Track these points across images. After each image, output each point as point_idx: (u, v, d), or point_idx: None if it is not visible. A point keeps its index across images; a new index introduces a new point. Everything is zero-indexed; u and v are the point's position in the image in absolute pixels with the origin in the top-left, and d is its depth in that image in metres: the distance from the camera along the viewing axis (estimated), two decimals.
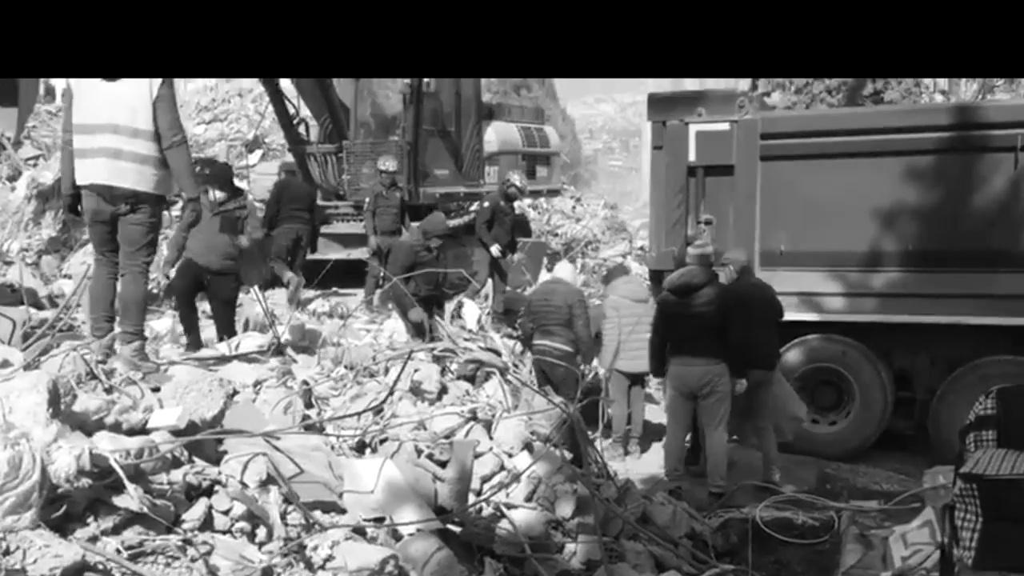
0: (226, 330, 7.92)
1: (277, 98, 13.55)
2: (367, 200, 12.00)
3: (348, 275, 12.26)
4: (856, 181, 8.88)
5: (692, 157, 9.47)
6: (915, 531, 5.62)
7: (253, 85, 22.06)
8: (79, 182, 5.43)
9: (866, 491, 7.91)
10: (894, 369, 9.13)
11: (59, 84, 34.69)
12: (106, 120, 5.30)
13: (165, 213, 6.41)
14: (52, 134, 22.03)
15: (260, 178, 15.22)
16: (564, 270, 9.03)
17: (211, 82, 32.18)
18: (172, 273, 8.23)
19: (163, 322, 9.67)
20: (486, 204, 12.74)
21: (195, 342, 7.64)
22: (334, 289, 12.11)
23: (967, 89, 24.48)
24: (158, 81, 5.37)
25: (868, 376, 9.00)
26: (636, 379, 9.05)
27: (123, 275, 5.61)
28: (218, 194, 7.93)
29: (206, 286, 8.09)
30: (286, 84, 13.61)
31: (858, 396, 9.03)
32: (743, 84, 31.00)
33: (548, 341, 8.37)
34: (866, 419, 9.02)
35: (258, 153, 19.46)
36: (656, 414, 10.04)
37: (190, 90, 32.15)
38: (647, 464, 8.69)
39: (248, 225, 8.20)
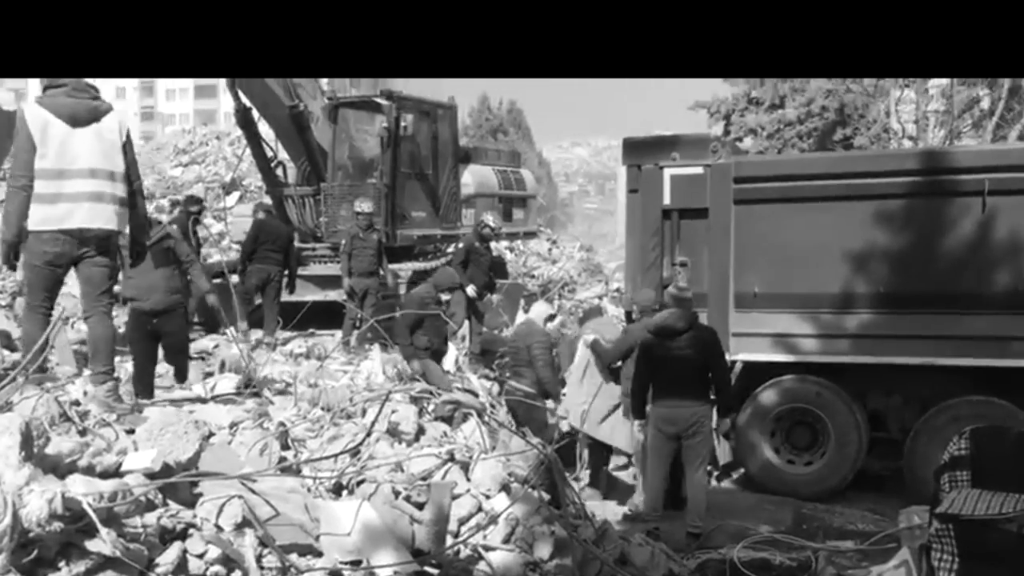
0: (182, 375, 7.82)
1: (255, 141, 13.61)
2: (343, 242, 12.03)
3: (325, 316, 12.25)
4: (828, 224, 8.99)
5: (667, 200, 9.57)
6: (892, 571, 5.64)
7: (231, 128, 22.15)
8: (47, 227, 5.38)
9: (842, 531, 7.93)
10: (868, 409, 9.19)
11: None
12: (83, 165, 5.36)
13: None
14: None
15: (237, 220, 15.24)
16: (535, 310, 9.11)
17: (188, 125, 32.22)
18: None
19: None
20: (461, 245, 12.82)
21: (148, 391, 7.35)
22: (311, 330, 12.08)
23: (935, 135, 24.92)
24: (127, 125, 5.58)
25: (843, 416, 9.05)
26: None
27: (88, 317, 5.66)
28: None
29: (156, 328, 7.82)
30: (264, 127, 13.68)
31: (833, 436, 9.07)
32: (716, 129, 31.47)
33: (514, 382, 8.49)
34: (841, 459, 9.06)
35: (235, 195, 19.49)
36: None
37: (168, 132, 32.17)
38: (623, 506, 8.67)
39: (192, 274, 8.01)
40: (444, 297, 9.34)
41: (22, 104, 5.66)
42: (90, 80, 5.51)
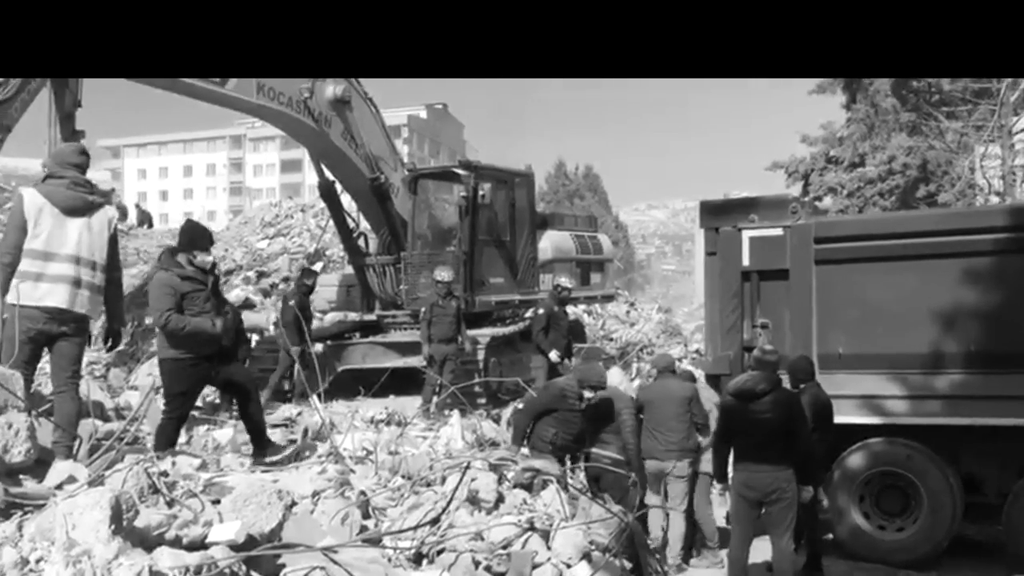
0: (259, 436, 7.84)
1: (337, 212, 13.95)
2: (423, 310, 12.19)
3: (405, 382, 12.37)
4: (914, 283, 8.81)
5: (746, 262, 9.51)
6: None
7: (315, 201, 22.72)
8: (29, 303, 5.77)
9: None
10: (962, 472, 8.86)
11: (131, 205, 36.04)
12: (70, 251, 5.86)
13: None
14: (123, 252, 22.86)
15: (322, 289, 15.54)
16: (613, 376, 9.02)
17: (275, 198, 33.17)
18: None
19: (224, 432, 9.81)
20: (541, 311, 12.86)
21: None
22: (391, 397, 12.20)
23: (1022, 190, 24.29)
24: (115, 221, 6.14)
25: (935, 480, 8.73)
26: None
27: (60, 392, 6.01)
28: (206, 257, 7.35)
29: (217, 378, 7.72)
30: (346, 199, 14.02)
31: (926, 501, 8.75)
32: (794, 189, 31.17)
33: (600, 449, 8.36)
34: (935, 524, 8.72)
35: (319, 265, 19.91)
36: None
37: (255, 206, 33.17)
38: (706, 572, 8.48)
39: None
40: (587, 395, 8.30)
41: (21, 189, 6.13)
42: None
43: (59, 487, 4.84)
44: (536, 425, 8.40)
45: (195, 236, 7.33)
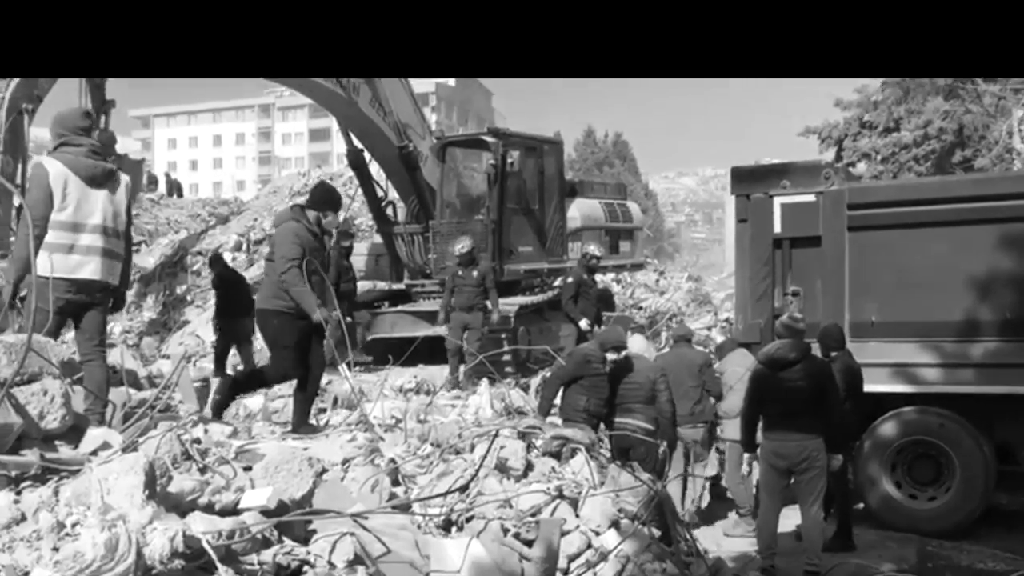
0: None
1: (366, 181, 13.97)
2: (446, 279, 12.20)
3: (434, 351, 12.41)
4: (948, 250, 8.69)
5: (778, 229, 9.41)
6: None
7: (344, 170, 22.73)
8: (59, 275, 5.78)
9: (971, 570, 7.57)
10: (995, 441, 8.77)
11: (161, 174, 36.31)
12: (97, 221, 5.86)
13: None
14: (154, 221, 23.05)
15: (352, 259, 15.59)
16: (637, 344, 8.98)
17: (303, 168, 33.23)
18: None
19: (255, 400, 9.90)
20: (570, 279, 12.82)
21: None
22: (420, 365, 12.25)
23: None
24: (129, 185, 6.18)
25: (968, 449, 8.65)
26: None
27: (89, 360, 6.04)
28: (335, 219, 7.49)
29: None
30: (375, 168, 14.03)
31: (958, 470, 8.68)
32: (828, 155, 30.82)
33: (629, 419, 8.31)
34: (968, 494, 8.65)
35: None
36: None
37: (284, 176, 33.28)
38: (738, 541, 8.47)
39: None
40: (611, 356, 8.34)
41: (41, 158, 6.11)
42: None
43: (94, 453, 4.89)
44: (566, 395, 8.40)
45: (328, 197, 7.43)
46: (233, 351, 12.76)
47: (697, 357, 9.34)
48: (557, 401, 8.51)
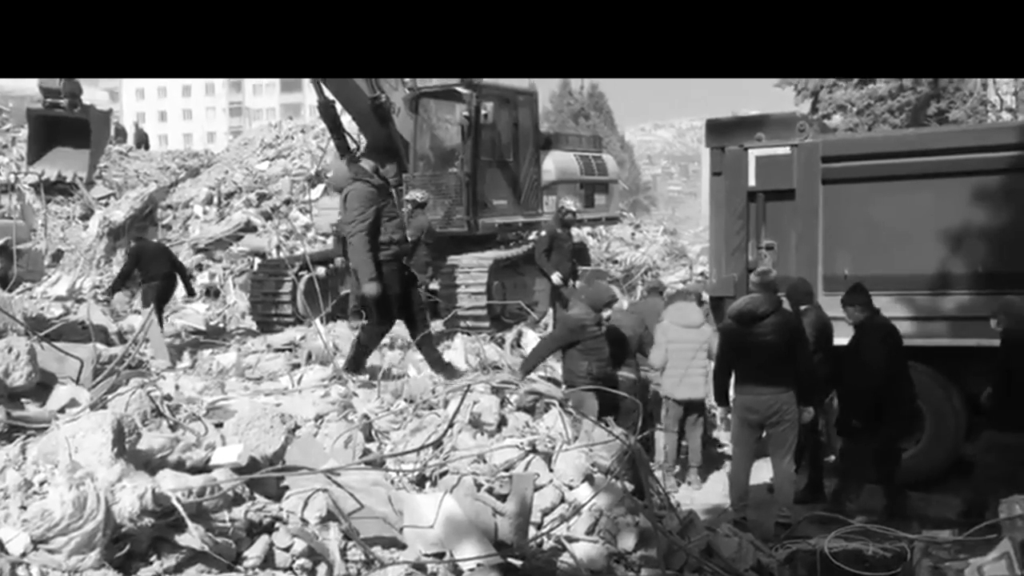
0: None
1: (338, 133, 13.77)
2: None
3: None
4: (922, 203, 8.69)
5: (752, 182, 9.36)
6: (992, 563, 5.43)
7: (315, 122, 22.47)
8: None
9: (940, 520, 7.66)
10: (965, 394, 8.86)
11: (129, 125, 35.73)
12: None
13: None
14: (123, 174, 22.72)
15: (323, 212, 15.45)
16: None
17: (275, 119, 32.84)
18: None
19: (229, 356, 9.83)
20: (543, 233, 12.78)
21: None
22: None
23: None
24: None
25: (938, 401, 8.73)
26: (692, 407, 8.91)
27: None
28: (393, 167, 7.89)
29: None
30: (347, 119, 13.84)
31: (929, 422, 8.77)
32: (803, 107, 30.80)
33: (622, 372, 8.37)
34: (937, 445, 8.75)
35: (320, 188, 19.79)
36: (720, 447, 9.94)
37: (255, 127, 32.86)
38: (711, 494, 8.55)
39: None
40: (606, 314, 8.23)
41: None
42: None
43: (61, 410, 4.84)
44: (566, 361, 8.26)
45: (380, 145, 7.40)
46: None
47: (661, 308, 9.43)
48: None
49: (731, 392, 7.72)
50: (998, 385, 7.60)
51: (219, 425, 4.97)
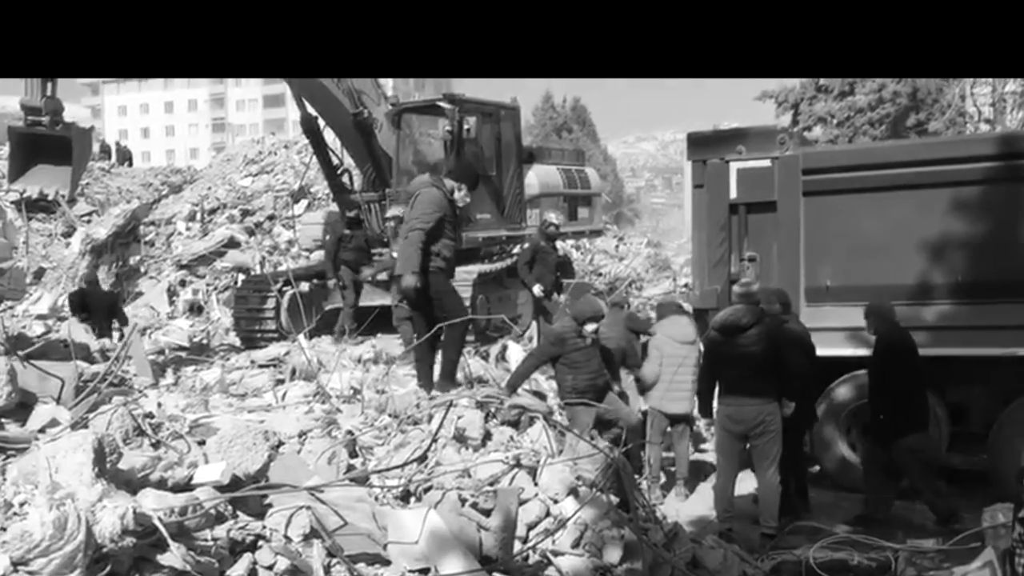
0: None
1: (321, 149, 13.77)
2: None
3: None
4: (902, 214, 8.75)
5: (734, 194, 9.42)
6: (975, 572, 5.48)
7: (298, 137, 22.46)
8: None
9: (924, 530, 7.70)
10: (948, 402, 8.91)
11: (112, 142, 35.60)
12: None
13: None
14: (105, 191, 22.62)
15: (306, 228, 15.45)
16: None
17: (258, 135, 32.76)
18: None
19: (212, 372, 9.80)
20: (527, 245, 12.79)
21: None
22: (378, 335, 12.19)
23: (1013, 118, 24.19)
24: None
25: None
26: (678, 420, 8.93)
27: None
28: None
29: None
30: (330, 135, 13.85)
31: None
32: (784, 119, 30.99)
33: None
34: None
35: (303, 203, 19.77)
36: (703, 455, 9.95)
37: (238, 143, 32.79)
38: (697, 506, 8.56)
39: None
40: (589, 328, 8.02)
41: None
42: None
43: (42, 430, 4.80)
44: (556, 376, 8.22)
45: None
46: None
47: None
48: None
49: (715, 403, 7.74)
50: (875, 389, 7.71)
51: (202, 443, 4.94)
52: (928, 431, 7.97)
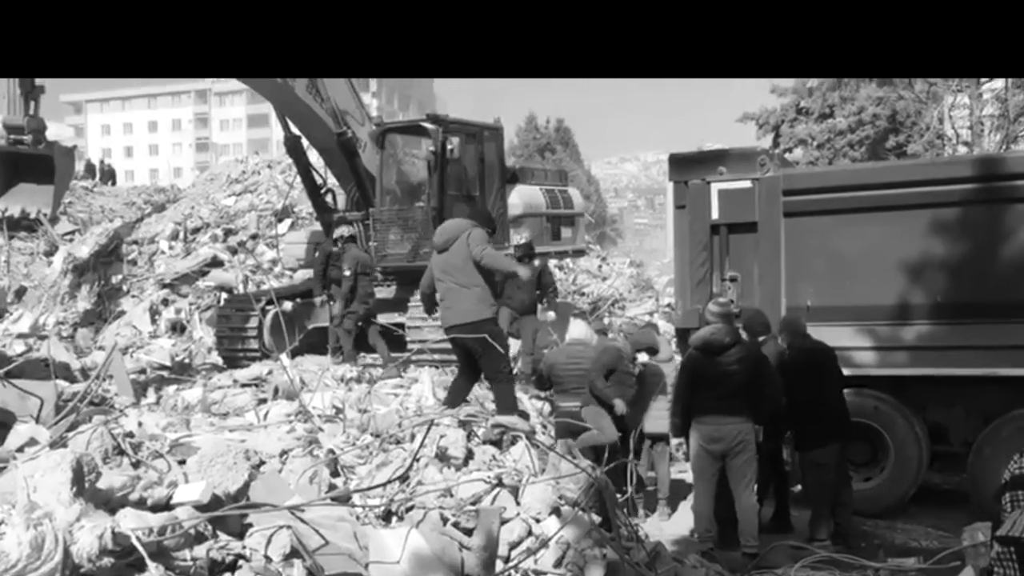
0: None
1: (304, 168, 13.76)
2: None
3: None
4: (882, 235, 8.83)
5: (715, 215, 9.49)
6: None
7: (282, 157, 22.43)
8: None
9: (905, 548, 7.74)
10: (928, 422, 8.97)
11: (95, 161, 35.48)
12: None
13: None
14: (88, 210, 22.53)
15: (290, 247, 15.41)
16: (579, 330, 9.02)
17: (242, 154, 32.69)
18: None
19: (194, 392, 9.75)
20: None
21: None
22: (361, 354, 12.16)
23: (990, 141, 24.46)
24: None
25: (902, 430, 8.84)
26: (658, 439, 8.95)
27: None
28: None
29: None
30: (313, 155, 13.85)
31: (892, 451, 8.86)
32: (765, 141, 31.21)
33: (575, 403, 8.34)
34: (902, 474, 8.85)
35: (287, 223, 19.73)
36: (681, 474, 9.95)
37: (221, 162, 32.74)
38: (679, 526, 8.56)
39: None
40: (642, 358, 9.00)
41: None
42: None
43: (20, 449, 4.78)
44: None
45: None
46: None
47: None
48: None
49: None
50: (790, 402, 7.77)
51: (182, 462, 4.93)
52: (838, 445, 7.98)
